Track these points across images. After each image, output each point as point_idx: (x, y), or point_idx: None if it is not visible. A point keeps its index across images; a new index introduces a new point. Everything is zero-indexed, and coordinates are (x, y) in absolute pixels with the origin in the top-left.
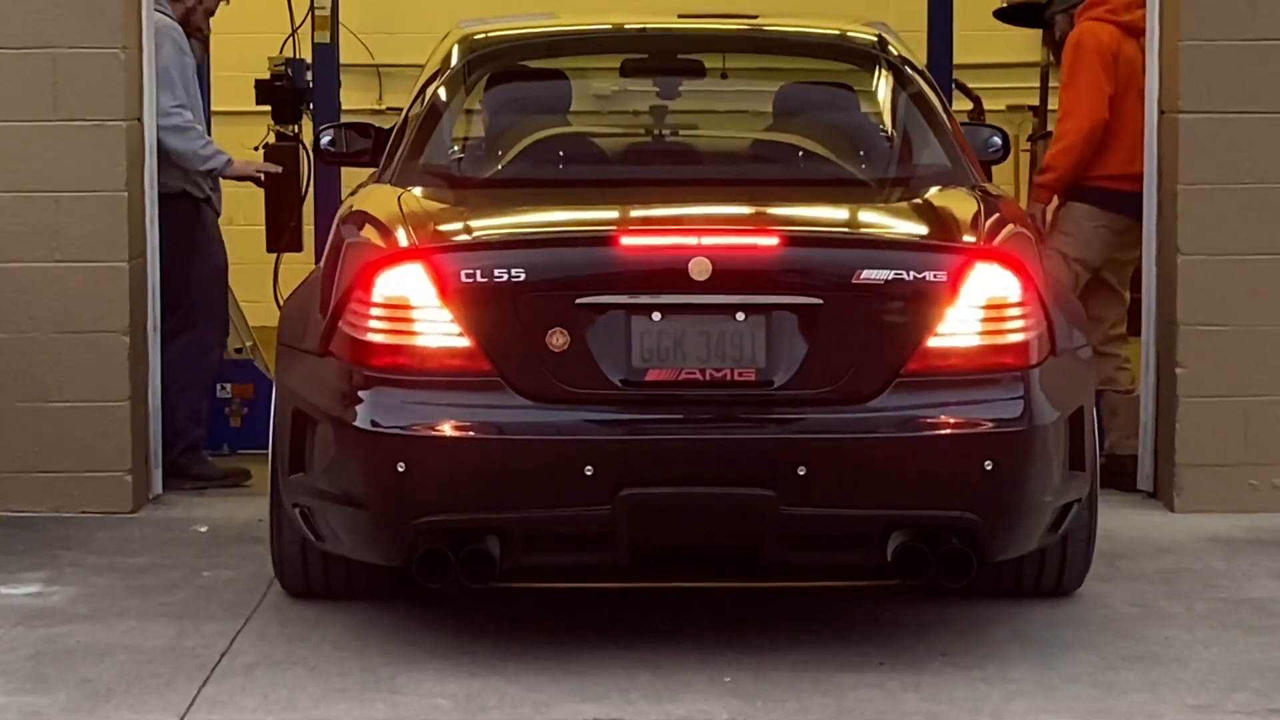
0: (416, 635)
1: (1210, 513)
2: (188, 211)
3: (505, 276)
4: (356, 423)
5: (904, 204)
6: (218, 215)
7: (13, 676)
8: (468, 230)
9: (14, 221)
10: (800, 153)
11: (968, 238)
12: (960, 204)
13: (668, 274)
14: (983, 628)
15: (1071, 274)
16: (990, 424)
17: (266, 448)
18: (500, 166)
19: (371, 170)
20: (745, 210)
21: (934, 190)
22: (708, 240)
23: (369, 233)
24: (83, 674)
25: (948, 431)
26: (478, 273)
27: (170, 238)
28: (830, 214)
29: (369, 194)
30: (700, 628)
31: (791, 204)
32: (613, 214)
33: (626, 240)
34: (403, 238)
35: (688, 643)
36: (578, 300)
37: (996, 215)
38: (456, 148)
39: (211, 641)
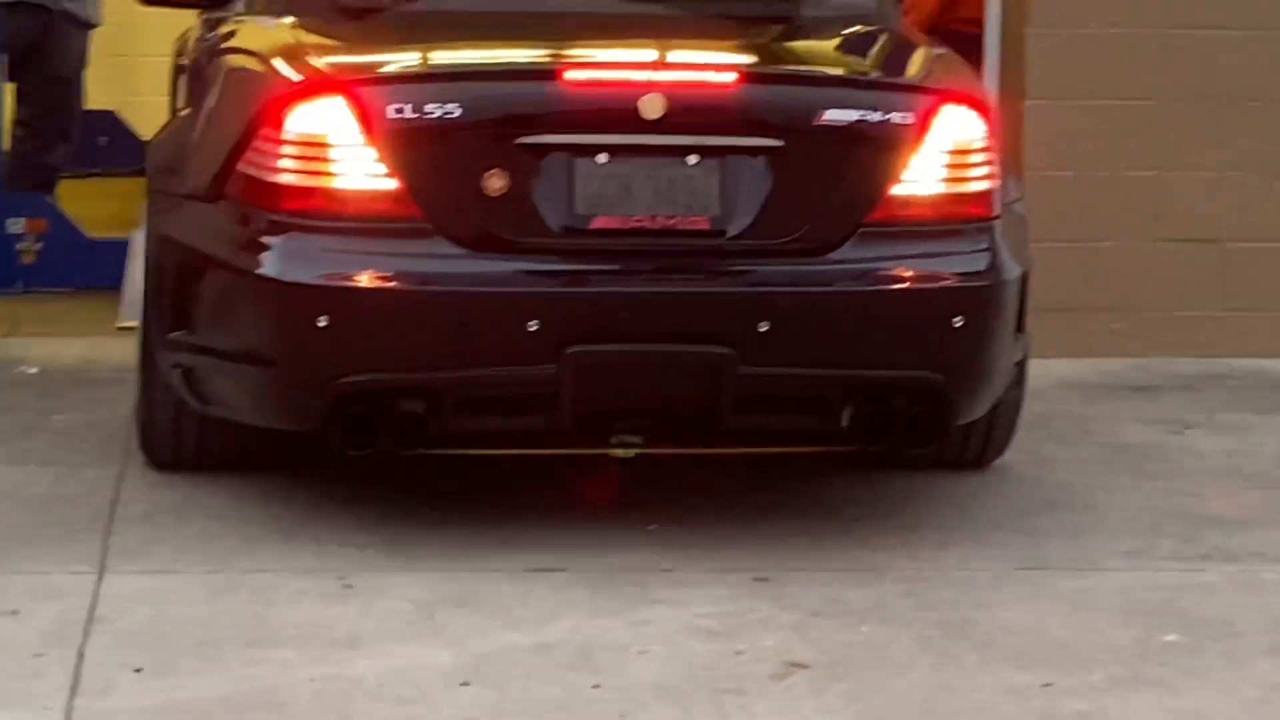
0: (322, 484)
1: (1055, 358)
2: (35, 23)
3: (438, 113)
4: (263, 271)
5: (843, 43)
6: (88, 25)
7: None
8: (393, 62)
9: None
10: None
11: (933, 79)
12: (911, 45)
13: (616, 112)
14: (886, 476)
15: None
16: (958, 277)
17: (63, 286)
18: None
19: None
20: (699, 45)
21: (870, 29)
22: (660, 76)
23: (267, 67)
24: None
25: (915, 285)
26: (408, 108)
27: (13, 47)
28: (788, 52)
29: (238, 26)
30: (626, 482)
31: (747, 40)
32: (556, 47)
33: (571, 75)
34: (316, 69)
35: (619, 497)
36: (517, 140)
37: (947, 57)
38: None
39: (94, 489)
